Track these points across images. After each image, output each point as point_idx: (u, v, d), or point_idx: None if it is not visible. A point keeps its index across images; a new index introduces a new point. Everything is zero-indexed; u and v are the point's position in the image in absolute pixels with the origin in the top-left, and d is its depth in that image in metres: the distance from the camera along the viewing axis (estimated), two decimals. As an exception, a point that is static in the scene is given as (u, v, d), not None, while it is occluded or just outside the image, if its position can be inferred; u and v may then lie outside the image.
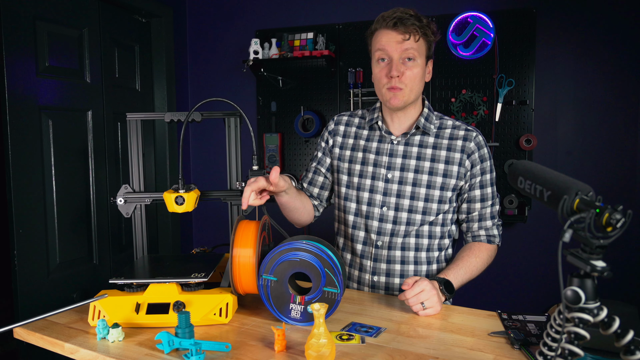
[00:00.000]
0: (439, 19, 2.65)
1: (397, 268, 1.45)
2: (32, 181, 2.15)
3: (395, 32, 1.32)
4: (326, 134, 1.57)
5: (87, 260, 2.47)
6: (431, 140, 1.43)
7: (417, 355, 0.99)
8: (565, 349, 0.70)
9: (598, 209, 0.65)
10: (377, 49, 1.36)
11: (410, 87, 1.35)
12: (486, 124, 2.62)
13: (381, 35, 1.35)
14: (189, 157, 3.28)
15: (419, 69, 1.36)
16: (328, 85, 2.91)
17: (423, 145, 1.43)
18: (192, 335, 1.00)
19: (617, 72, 2.46)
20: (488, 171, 1.43)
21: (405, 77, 1.34)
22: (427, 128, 1.42)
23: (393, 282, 1.46)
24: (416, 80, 1.36)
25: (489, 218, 1.45)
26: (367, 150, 1.48)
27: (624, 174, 2.47)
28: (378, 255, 1.46)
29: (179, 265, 1.32)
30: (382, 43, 1.34)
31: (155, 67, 2.99)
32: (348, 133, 1.53)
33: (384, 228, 1.44)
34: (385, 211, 1.44)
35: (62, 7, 2.30)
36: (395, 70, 1.33)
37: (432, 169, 1.41)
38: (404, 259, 1.45)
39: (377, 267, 1.47)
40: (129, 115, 1.41)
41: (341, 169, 1.52)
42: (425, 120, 1.43)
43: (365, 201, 1.46)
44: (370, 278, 1.48)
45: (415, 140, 1.43)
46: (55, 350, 1.09)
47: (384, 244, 1.45)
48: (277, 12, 3.02)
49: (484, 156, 1.42)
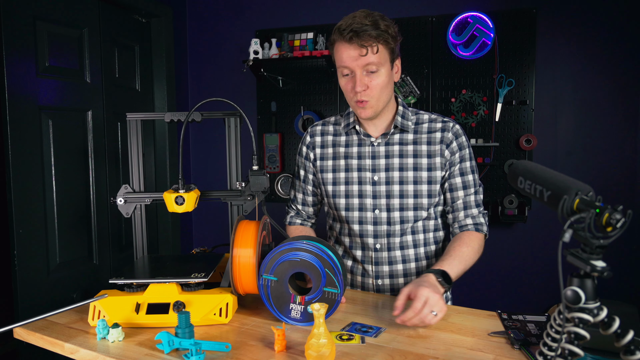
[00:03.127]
0: (439, 19, 2.65)
1: (399, 268, 1.45)
2: (32, 181, 2.15)
3: (352, 46, 1.28)
4: (304, 148, 1.55)
5: (87, 260, 2.47)
6: (410, 137, 1.43)
7: (417, 355, 0.99)
8: (565, 349, 0.70)
9: (598, 209, 0.65)
10: (340, 65, 1.34)
11: (377, 97, 1.34)
12: (486, 124, 2.62)
13: (341, 49, 1.31)
14: (189, 157, 3.28)
15: (384, 77, 1.32)
16: (328, 85, 2.91)
17: (404, 143, 1.43)
18: (192, 335, 1.00)
19: (617, 72, 2.46)
20: (467, 159, 1.42)
21: (370, 89, 1.32)
22: (405, 125, 1.42)
23: (398, 283, 1.46)
24: (382, 89, 1.33)
25: (475, 206, 1.43)
26: (348, 156, 1.47)
27: (624, 174, 2.47)
28: (379, 259, 1.46)
29: (179, 265, 1.32)
30: (343, 59, 1.31)
31: (155, 67, 2.99)
32: (325, 143, 1.51)
33: (380, 230, 1.44)
34: (377, 214, 1.44)
35: (62, 7, 2.30)
36: (359, 85, 1.31)
37: (416, 164, 1.41)
38: (404, 257, 1.45)
39: (379, 271, 1.47)
40: (129, 115, 1.41)
41: (326, 181, 1.50)
42: (402, 118, 1.43)
43: (357, 207, 1.45)
44: (374, 282, 1.48)
45: (395, 139, 1.43)
46: (55, 350, 1.09)
47: (382, 247, 1.45)
48: (277, 12, 3.02)
49: (462, 144, 1.42)
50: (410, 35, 2.70)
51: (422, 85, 2.72)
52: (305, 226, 1.63)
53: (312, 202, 1.60)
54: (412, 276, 1.45)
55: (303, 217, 1.63)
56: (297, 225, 1.62)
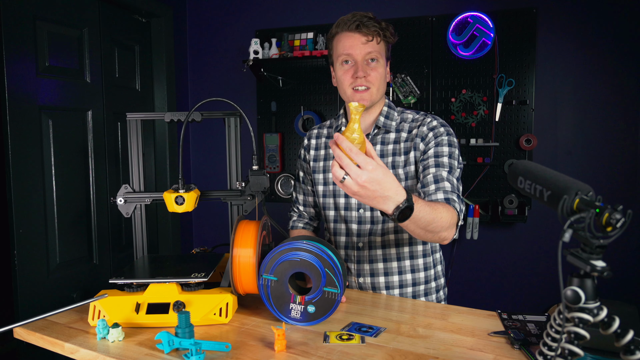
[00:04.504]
0: (439, 19, 2.65)
1: (380, 267, 1.47)
2: (32, 181, 2.15)
3: (358, 34, 1.35)
4: (302, 150, 1.63)
5: (87, 260, 2.47)
6: (392, 136, 1.45)
7: (417, 355, 0.99)
8: (565, 349, 0.70)
9: (598, 208, 0.64)
10: (341, 53, 1.37)
11: (377, 86, 1.38)
12: (486, 124, 2.62)
13: (344, 38, 1.37)
14: (189, 157, 3.28)
15: (382, 69, 1.39)
16: (328, 85, 2.91)
17: (385, 143, 1.45)
18: (192, 335, 1.00)
19: (617, 71, 2.46)
20: (444, 144, 1.35)
21: (370, 77, 1.36)
22: (387, 125, 1.44)
23: (378, 282, 1.47)
24: (381, 79, 1.39)
25: (446, 180, 1.29)
26: None
27: (624, 174, 2.47)
28: (360, 257, 1.48)
29: (179, 265, 1.32)
30: (346, 46, 1.36)
31: (155, 67, 2.99)
32: (319, 145, 1.58)
33: (363, 229, 1.47)
34: (362, 213, 1.46)
35: (62, 7, 2.30)
36: (362, 71, 1.35)
37: (394, 162, 1.42)
38: (385, 256, 1.46)
39: (361, 269, 1.49)
40: (129, 115, 1.41)
41: (317, 181, 1.56)
42: (385, 118, 1.45)
43: (343, 206, 1.49)
44: (356, 280, 1.50)
45: (378, 139, 1.46)
46: (55, 350, 1.09)
47: (364, 245, 1.47)
48: (277, 12, 3.01)
49: (438, 132, 1.37)
50: (410, 35, 2.70)
51: (422, 85, 2.72)
52: (307, 230, 1.67)
53: (313, 202, 1.64)
54: (394, 275, 1.47)
55: (305, 219, 1.68)
56: (300, 229, 1.67)
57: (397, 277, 1.46)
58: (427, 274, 1.49)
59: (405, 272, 1.46)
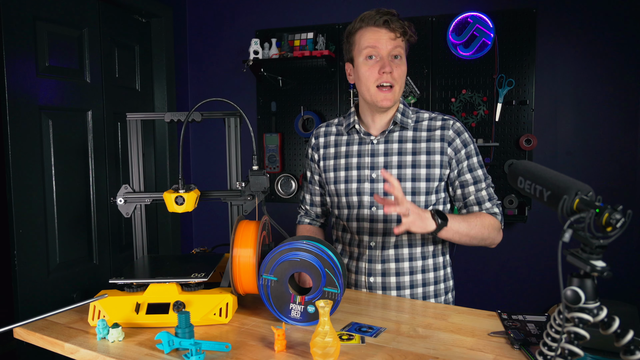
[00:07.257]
0: (439, 19, 2.65)
1: (392, 266, 1.45)
2: (32, 181, 2.15)
3: (385, 29, 1.34)
4: (310, 150, 1.60)
5: (87, 260, 2.47)
6: (410, 134, 1.44)
7: (417, 355, 0.99)
8: (565, 349, 0.70)
9: (598, 209, 0.65)
10: (366, 47, 1.36)
11: (400, 84, 1.38)
12: (486, 124, 2.62)
13: (369, 32, 1.36)
14: (189, 157, 3.28)
15: (404, 67, 1.39)
16: (328, 85, 2.91)
17: (403, 141, 1.44)
18: (192, 335, 1.00)
19: (617, 72, 2.46)
20: (473, 154, 1.43)
21: (395, 74, 1.36)
22: (404, 122, 1.43)
23: (389, 282, 1.46)
24: (404, 77, 1.39)
25: (487, 200, 1.43)
26: (349, 155, 1.49)
27: (624, 174, 2.47)
28: (372, 256, 1.47)
29: (179, 265, 1.32)
30: (372, 41, 1.35)
31: (155, 67, 2.99)
32: (328, 143, 1.55)
33: (376, 228, 1.45)
34: (375, 211, 1.44)
35: (62, 7, 2.30)
36: (389, 66, 1.34)
37: (415, 161, 1.41)
38: (398, 256, 1.45)
39: (372, 268, 1.47)
40: (129, 115, 1.41)
41: (329, 180, 1.53)
42: (401, 115, 1.44)
43: (355, 205, 1.47)
44: (366, 280, 1.48)
45: (395, 137, 1.44)
46: (55, 350, 1.09)
47: (377, 244, 1.46)
48: (277, 12, 3.01)
49: (465, 140, 1.42)
50: (410, 35, 2.70)
51: (422, 85, 2.72)
52: (313, 226, 1.67)
53: (320, 202, 1.63)
54: (405, 275, 1.46)
55: (312, 217, 1.68)
56: (305, 224, 1.67)
57: (409, 277, 1.45)
58: (437, 274, 1.48)
59: (416, 272, 1.45)
